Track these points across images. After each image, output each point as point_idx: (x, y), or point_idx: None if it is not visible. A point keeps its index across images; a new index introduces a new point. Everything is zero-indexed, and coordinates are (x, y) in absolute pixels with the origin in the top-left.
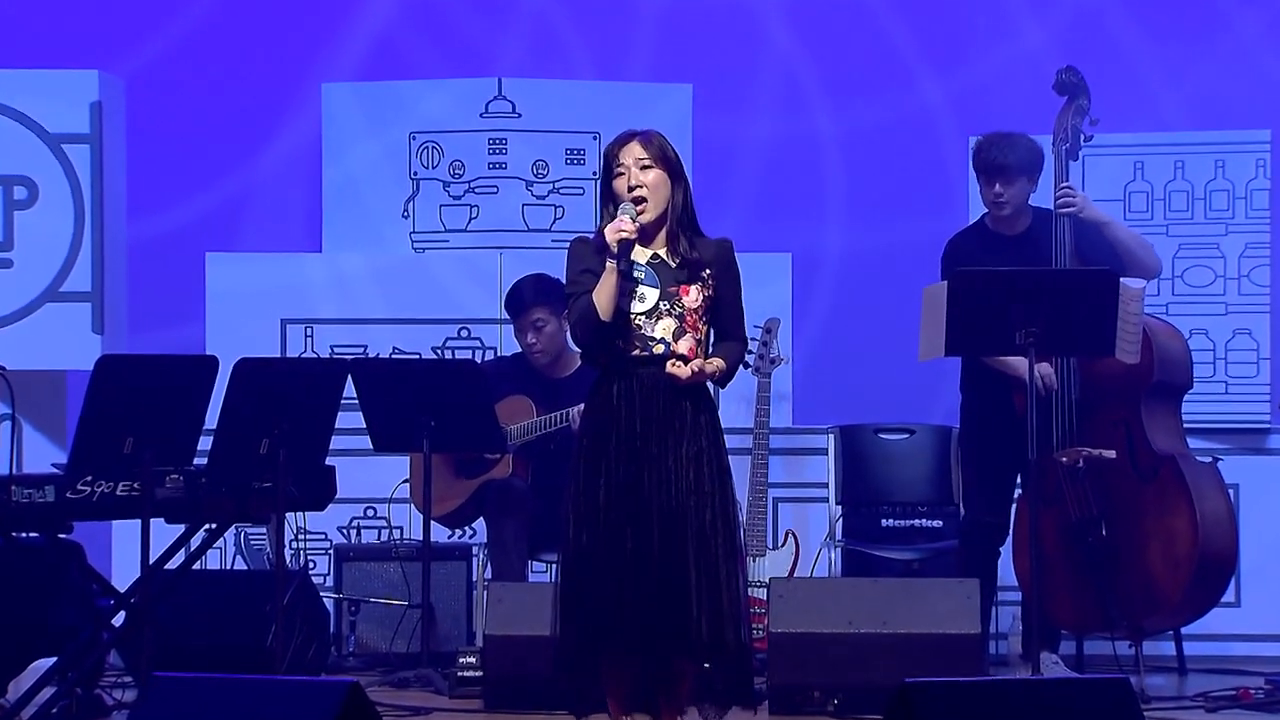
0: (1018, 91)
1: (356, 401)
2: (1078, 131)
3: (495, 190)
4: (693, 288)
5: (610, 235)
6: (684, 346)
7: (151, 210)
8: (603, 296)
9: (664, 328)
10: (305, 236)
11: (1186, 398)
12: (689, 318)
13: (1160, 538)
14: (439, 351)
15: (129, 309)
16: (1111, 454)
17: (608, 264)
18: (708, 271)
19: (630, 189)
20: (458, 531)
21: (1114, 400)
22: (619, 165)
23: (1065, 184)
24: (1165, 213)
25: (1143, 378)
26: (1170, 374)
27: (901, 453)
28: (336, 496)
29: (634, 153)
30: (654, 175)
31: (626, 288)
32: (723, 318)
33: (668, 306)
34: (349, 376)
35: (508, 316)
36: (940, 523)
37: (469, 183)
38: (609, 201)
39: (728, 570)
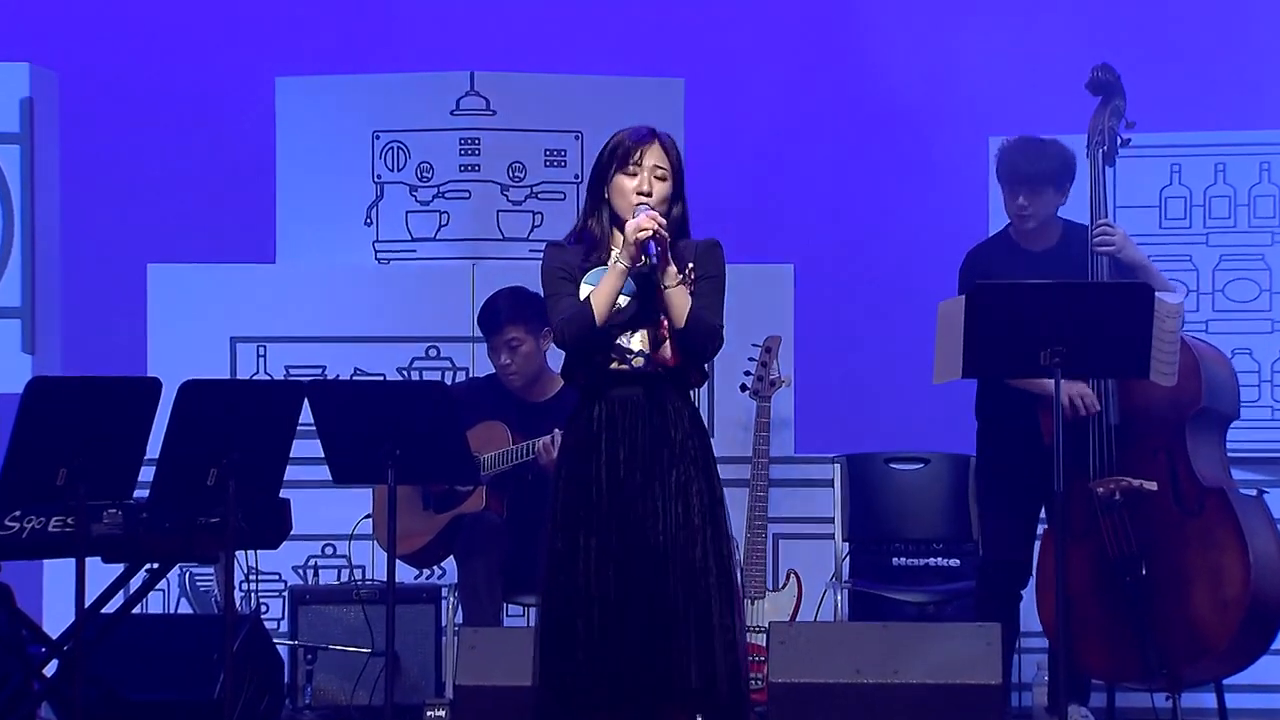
0: (1043, 88)
1: (314, 428)
2: (1114, 134)
3: (467, 195)
4: None
5: (631, 230)
6: (666, 352)
7: (88, 217)
8: (601, 297)
9: (641, 339)
10: (257, 246)
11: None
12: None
13: (1206, 578)
14: (405, 373)
15: (63, 326)
16: (1153, 485)
17: (614, 261)
18: (690, 267)
19: (639, 193)
20: (425, 571)
21: (1156, 427)
22: (634, 164)
23: (1103, 221)
24: (1205, 220)
25: (1189, 404)
26: (1218, 401)
27: (915, 484)
28: (292, 533)
29: (655, 157)
30: (664, 187)
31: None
32: (697, 305)
33: (647, 318)
34: (305, 400)
35: (480, 334)
36: (957, 561)
37: (438, 187)
38: (601, 193)
39: (721, 612)
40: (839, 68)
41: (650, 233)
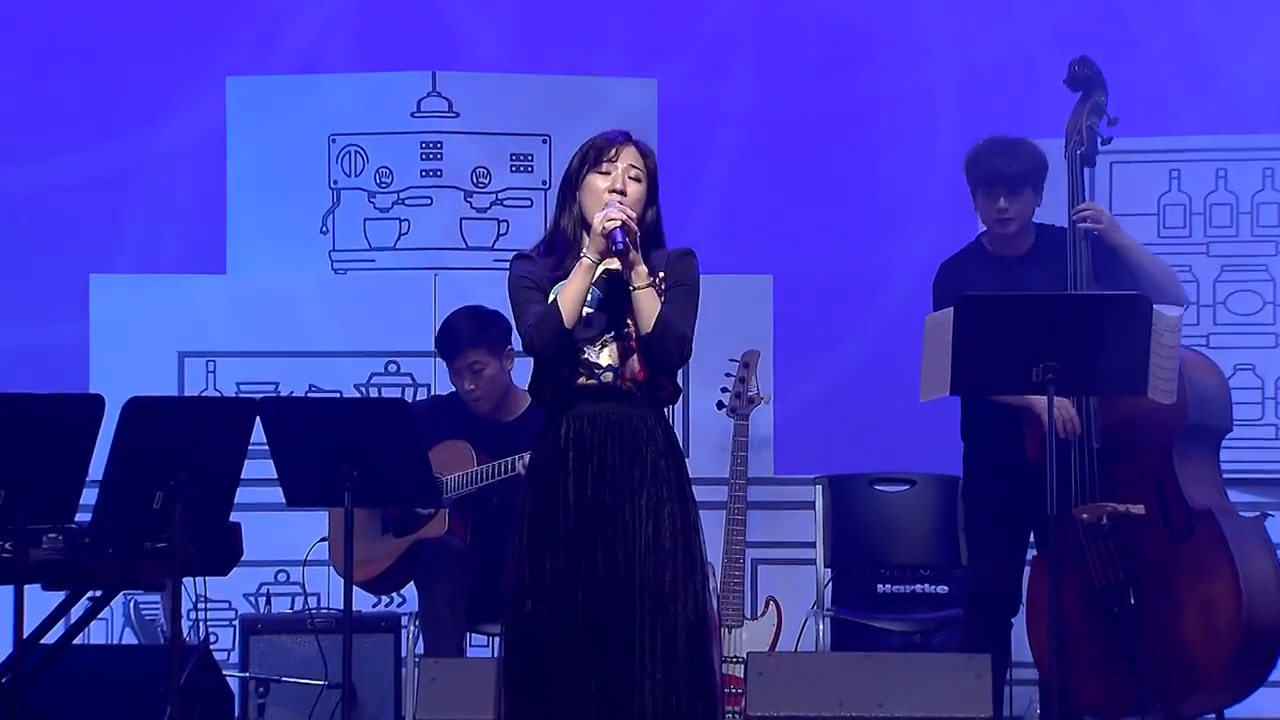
0: (1035, 90)
1: (266, 448)
2: (1094, 133)
3: (429, 202)
4: None
5: (599, 221)
6: (635, 365)
7: (26, 225)
8: (569, 296)
9: (610, 354)
10: (206, 255)
11: (1231, 444)
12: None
13: (1197, 606)
14: (363, 389)
15: (0, 339)
16: (1140, 509)
17: (584, 257)
18: (661, 276)
19: (610, 190)
20: (384, 599)
21: (1141, 446)
22: (608, 162)
23: (1086, 204)
24: (1205, 228)
25: (1175, 420)
26: (1207, 415)
27: (900, 507)
28: (243, 558)
29: (630, 157)
30: (637, 189)
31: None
32: (667, 310)
33: (616, 331)
34: (257, 419)
35: (440, 358)
36: (945, 588)
37: (398, 193)
38: (572, 197)
39: (692, 642)
40: (821, 69)
41: (618, 223)
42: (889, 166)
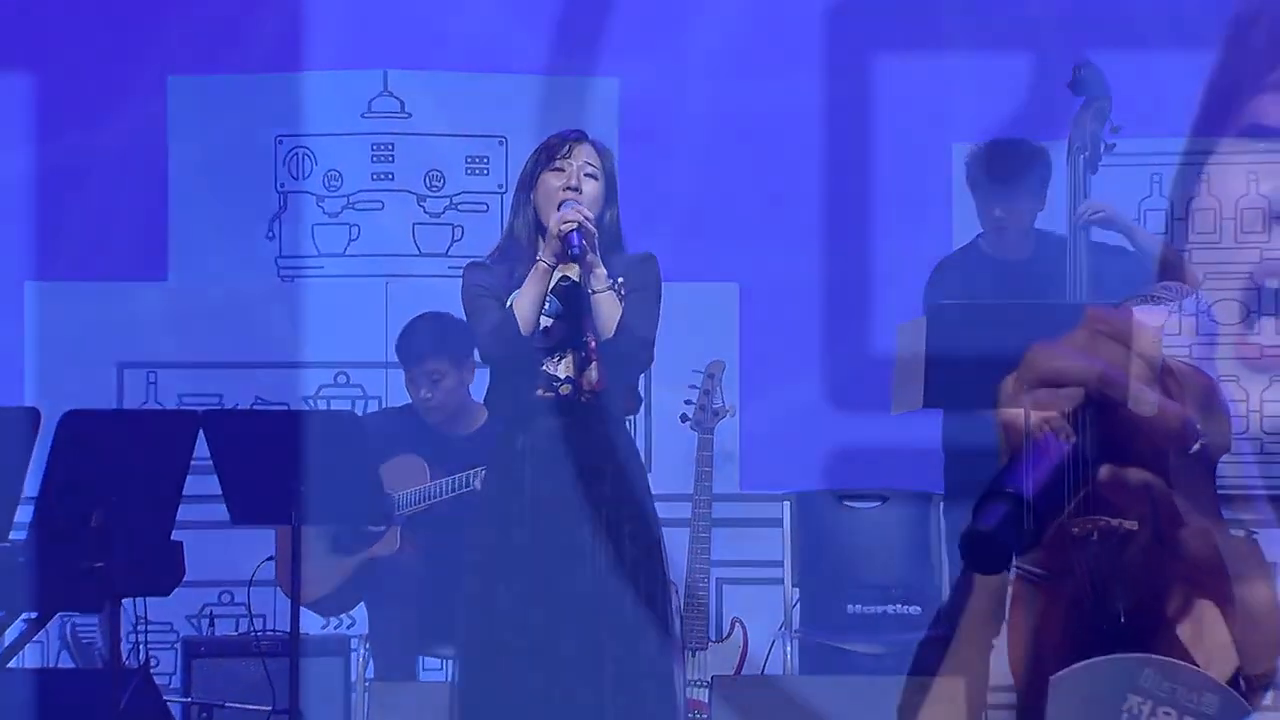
0: (1015, 89)
1: (209, 462)
2: (1098, 139)
3: (380, 206)
4: None
5: (555, 223)
6: (594, 376)
7: None
8: (525, 302)
9: (568, 365)
10: (147, 261)
11: None
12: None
13: (1189, 626)
14: (311, 402)
15: None
16: (1133, 524)
17: (539, 261)
18: (620, 281)
19: (565, 188)
20: (334, 620)
21: (1138, 461)
22: (562, 160)
23: (1088, 202)
24: (1188, 235)
25: (1174, 436)
26: (1209, 434)
27: (871, 524)
28: (185, 578)
29: (585, 155)
30: (594, 187)
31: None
32: (627, 315)
33: (575, 341)
34: (200, 432)
35: (396, 361)
36: (918, 608)
37: (348, 197)
38: (526, 199)
39: (656, 666)
40: (791, 69)
41: (575, 225)
42: (860, 171)
